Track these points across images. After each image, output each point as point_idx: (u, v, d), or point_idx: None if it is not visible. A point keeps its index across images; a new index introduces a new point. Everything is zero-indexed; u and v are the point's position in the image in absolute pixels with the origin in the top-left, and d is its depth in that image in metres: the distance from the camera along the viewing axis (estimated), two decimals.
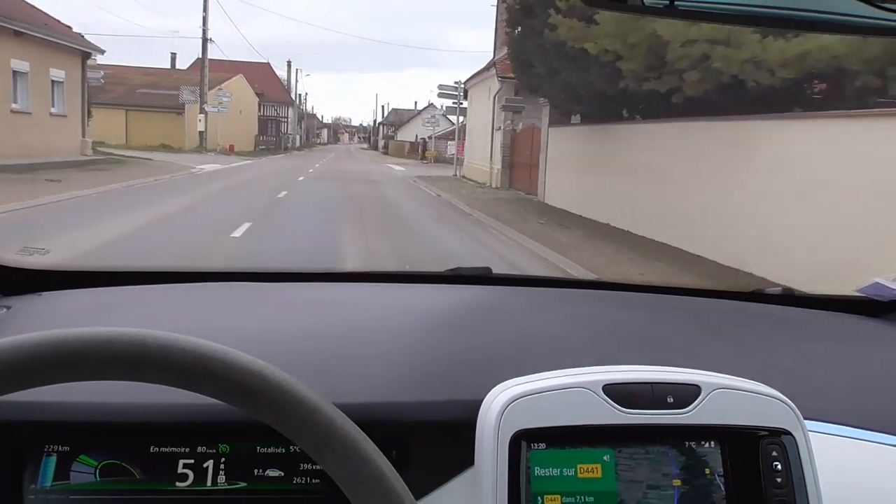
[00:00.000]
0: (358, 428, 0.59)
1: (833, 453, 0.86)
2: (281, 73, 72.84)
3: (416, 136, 57.36)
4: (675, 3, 0.60)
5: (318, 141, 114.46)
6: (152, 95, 39.70)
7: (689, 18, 0.68)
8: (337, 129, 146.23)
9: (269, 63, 71.80)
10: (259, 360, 0.58)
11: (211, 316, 1.14)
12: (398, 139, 76.64)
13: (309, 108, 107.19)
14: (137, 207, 12.49)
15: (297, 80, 74.64)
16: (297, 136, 78.16)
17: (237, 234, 9.95)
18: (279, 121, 71.06)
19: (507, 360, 0.95)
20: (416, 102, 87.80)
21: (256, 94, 60.26)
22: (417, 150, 52.82)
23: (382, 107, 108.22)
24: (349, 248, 9.65)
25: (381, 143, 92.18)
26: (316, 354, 0.96)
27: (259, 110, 65.89)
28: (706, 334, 1.17)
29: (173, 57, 54.00)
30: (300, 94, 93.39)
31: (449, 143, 43.46)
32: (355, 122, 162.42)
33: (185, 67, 51.96)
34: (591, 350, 1.03)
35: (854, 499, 0.85)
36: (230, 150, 39.29)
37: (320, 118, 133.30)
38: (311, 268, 1.51)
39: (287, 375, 0.58)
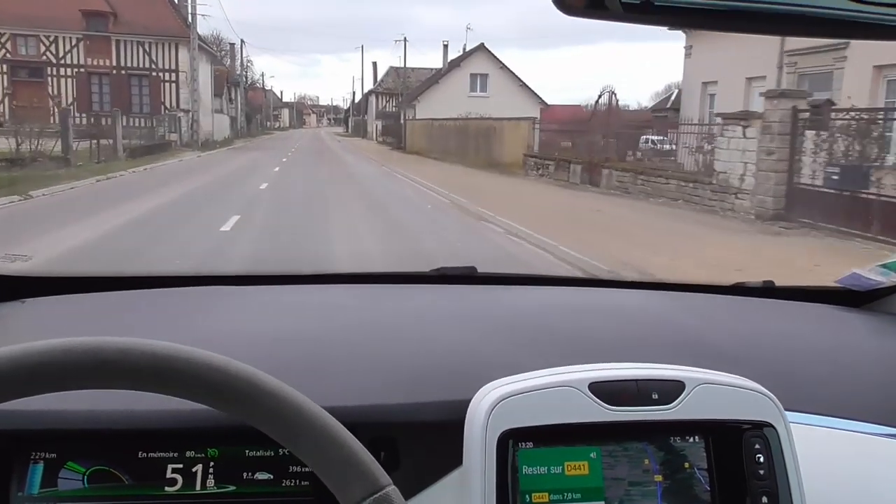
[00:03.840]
0: (327, 413, 0.59)
1: (815, 443, 0.88)
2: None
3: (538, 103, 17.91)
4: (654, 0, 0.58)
5: (277, 125, 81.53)
6: None
7: (667, 23, 0.62)
8: (301, 110, 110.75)
9: None
10: (221, 355, 0.58)
11: (197, 320, 1.14)
12: (419, 117, 38.35)
13: (253, 77, 69.30)
14: None
15: None
16: (224, 118, 39.24)
17: None
18: (159, 80, 31.73)
19: (494, 359, 0.95)
20: (445, 45, 44.10)
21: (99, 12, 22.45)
22: (596, 170, 13.99)
23: (374, 63, 67.29)
24: None
25: (375, 127, 52.07)
26: (303, 358, 0.97)
27: (115, 58, 27.67)
28: (690, 329, 1.19)
29: None
30: (234, 43, 54.41)
31: None
32: (324, 102, 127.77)
33: None
34: (577, 348, 1.04)
35: (836, 487, 0.87)
36: None
37: (278, 95, 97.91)
38: (297, 270, 1.47)
39: (250, 367, 0.58)
